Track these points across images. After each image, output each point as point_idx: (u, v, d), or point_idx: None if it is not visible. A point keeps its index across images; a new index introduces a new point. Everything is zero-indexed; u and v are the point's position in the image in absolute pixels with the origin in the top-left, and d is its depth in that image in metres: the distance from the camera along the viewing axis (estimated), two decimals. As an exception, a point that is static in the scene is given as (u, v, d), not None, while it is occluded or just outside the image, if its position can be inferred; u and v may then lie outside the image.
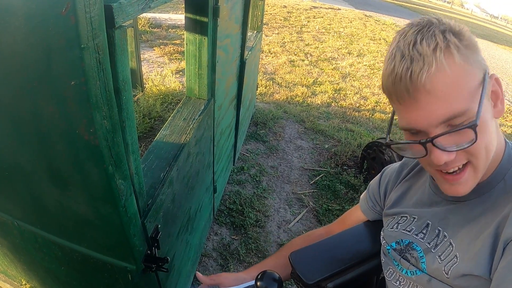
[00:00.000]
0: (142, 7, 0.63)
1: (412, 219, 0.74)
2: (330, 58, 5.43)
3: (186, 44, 1.22)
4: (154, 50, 4.52)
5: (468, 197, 0.62)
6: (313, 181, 2.51)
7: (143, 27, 5.22)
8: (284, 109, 3.48)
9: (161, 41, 4.87)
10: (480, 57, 0.54)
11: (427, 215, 0.71)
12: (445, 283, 0.62)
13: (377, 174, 0.92)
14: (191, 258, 1.47)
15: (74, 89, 0.51)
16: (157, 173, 0.96)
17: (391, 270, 0.77)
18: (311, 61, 5.13)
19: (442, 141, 0.54)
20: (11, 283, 1.40)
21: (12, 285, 1.41)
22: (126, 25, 0.59)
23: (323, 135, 3.13)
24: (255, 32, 2.76)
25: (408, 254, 0.71)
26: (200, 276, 0.87)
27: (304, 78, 4.38)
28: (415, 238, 0.71)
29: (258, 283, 0.71)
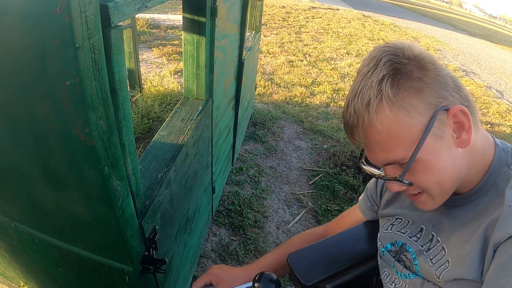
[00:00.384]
0: (138, 7, 0.63)
1: (407, 222, 0.74)
2: (329, 58, 5.43)
3: (184, 44, 1.21)
4: (152, 50, 4.52)
5: (462, 202, 0.63)
6: (312, 181, 2.51)
7: (141, 28, 5.22)
8: (282, 110, 3.47)
9: (159, 41, 4.87)
10: (432, 95, 0.53)
11: (421, 220, 0.71)
12: (438, 286, 0.62)
13: (376, 174, 0.91)
14: (189, 259, 1.47)
15: (69, 89, 0.50)
16: (154, 174, 0.96)
17: (386, 272, 0.77)
18: (309, 61, 5.13)
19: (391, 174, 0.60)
20: (9, 284, 1.40)
21: (10, 287, 1.40)
22: (124, 25, 0.59)
23: (322, 135, 3.13)
24: (254, 32, 2.75)
25: (403, 256, 0.72)
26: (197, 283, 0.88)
27: (303, 78, 4.38)
28: (409, 239, 0.71)
29: (256, 284, 0.71)
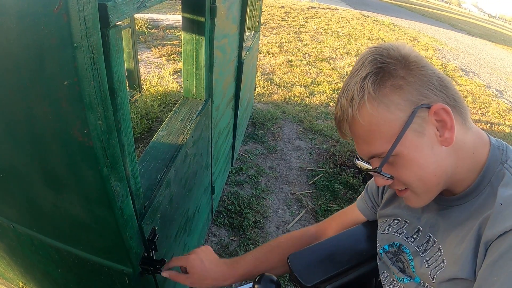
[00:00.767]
0: (137, 6, 0.62)
1: (404, 223, 0.74)
2: (328, 58, 5.43)
3: (183, 44, 1.21)
4: (151, 51, 4.51)
5: (458, 202, 0.63)
6: (312, 181, 2.50)
7: (140, 28, 5.22)
8: (282, 110, 3.47)
9: (158, 42, 4.86)
10: (412, 93, 0.56)
11: (418, 221, 0.71)
12: None
13: (375, 174, 0.91)
14: (189, 259, 1.46)
15: (68, 89, 0.50)
16: (154, 175, 0.95)
17: (385, 273, 0.77)
18: (309, 61, 5.13)
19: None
20: (8, 286, 1.39)
21: (9, 288, 1.40)
22: (123, 26, 0.59)
23: (322, 135, 3.12)
24: (253, 32, 2.75)
25: (401, 256, 0.72)
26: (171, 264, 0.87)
27: (302, 78, 4.38)
28: (405, 240, 0.71)
29: (256, 285, 0.71)
